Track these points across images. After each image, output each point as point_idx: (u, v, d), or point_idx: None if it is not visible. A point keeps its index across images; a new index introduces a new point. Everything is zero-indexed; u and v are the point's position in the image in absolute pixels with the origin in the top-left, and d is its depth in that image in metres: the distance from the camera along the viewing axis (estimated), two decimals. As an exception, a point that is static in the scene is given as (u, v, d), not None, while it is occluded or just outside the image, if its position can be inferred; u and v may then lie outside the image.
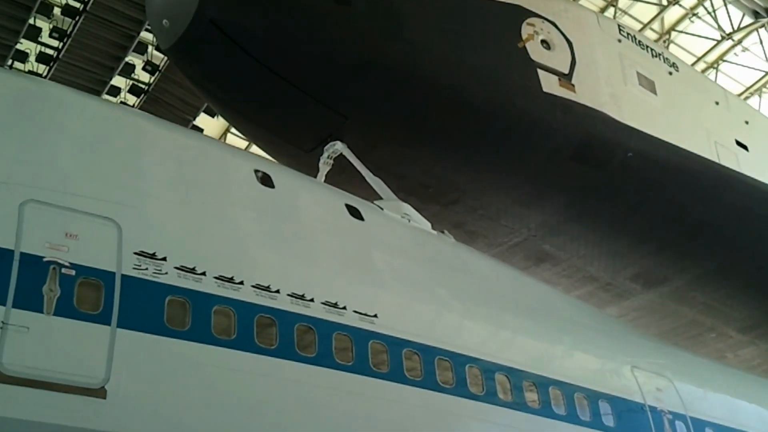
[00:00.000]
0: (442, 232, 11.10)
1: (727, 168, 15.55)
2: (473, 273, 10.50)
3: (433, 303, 9.11)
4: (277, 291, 7.37)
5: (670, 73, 16.51)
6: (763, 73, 31.65)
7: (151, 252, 6.63)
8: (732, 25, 29.29)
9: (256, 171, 8.59)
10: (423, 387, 7.96)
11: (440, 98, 12.33)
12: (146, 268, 6.56)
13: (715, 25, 28.80)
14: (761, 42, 30.27)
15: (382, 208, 10.30)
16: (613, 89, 14.59)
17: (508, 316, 9.91)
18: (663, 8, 28.00)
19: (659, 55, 16.64)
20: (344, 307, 7.80)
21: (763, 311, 17.79)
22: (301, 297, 7.54)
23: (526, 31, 13.46)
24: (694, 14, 28.66)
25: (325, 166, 11.87)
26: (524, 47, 13.27)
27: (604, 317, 12.39)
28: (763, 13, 24.81)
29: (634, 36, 16.25)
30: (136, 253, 6.54)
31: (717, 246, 15.90)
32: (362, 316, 7.91)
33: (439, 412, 8.01)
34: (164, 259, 6.70)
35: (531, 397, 8.94)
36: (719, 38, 29.48)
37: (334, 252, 8.60)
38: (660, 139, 14.45)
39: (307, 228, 8.58)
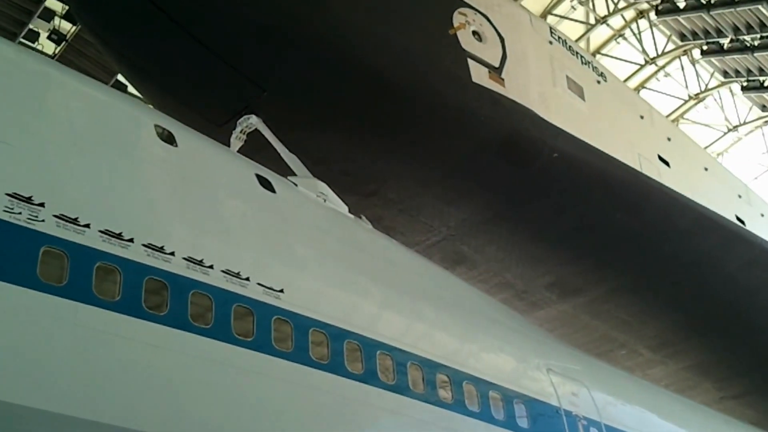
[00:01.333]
0: (360, 217, 10.42)
1: (651, 179, 15.32)
2: (390, 261, 9.86)
3: (346, 286, 8.41)
4: (172, 253, 6.57)
5: (599, 82, 16.26)
6: (682, 101, 32.09)
7: (26, 195, 5.77)
8: (656, 49, 29.62)
9: (158, 126, 7.76)
10: (329, 371, 7.24)
11: (363, 77, 11.68)
12: (19, 213, 5.70)
13: (640, 48, 29.04)
14: (683, 68, 30.71)
15: (296, 185, 9.58)
16: (542, 89, 14.21)
17: (425, 308, 9.27)
18: (590, 27, 28.04)
19: (588, 63, 16.39)
20: (247, 279, 7.04)
21: (676, 330, 17.64)
22: (199, 263, 6.76)
23: (457, 20, 12.95)
24: (620, 36, 28.83)
25: (237, 142, 11.09)
26: (455, 35, 12.74)
27: (521, 319, 11.88)
28: (689, 36, 24.90)
29: (565, 41, 15.95)
30: (9, 195, 5.68)
31: (635, 259, 15.62)
32: (267, 289, 7.16)
33: (344, 398, 7.30)
34: (42, 205, 5.85)
35: (444, 391, 8.32)
36: (643, 62, 29.75)
37: (239, 220, 7.84)
38: (586, 143, 14.11)
39: (210, 191, 7.77)
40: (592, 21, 28.19)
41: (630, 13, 29.52)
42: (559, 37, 15.69)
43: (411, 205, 13.54)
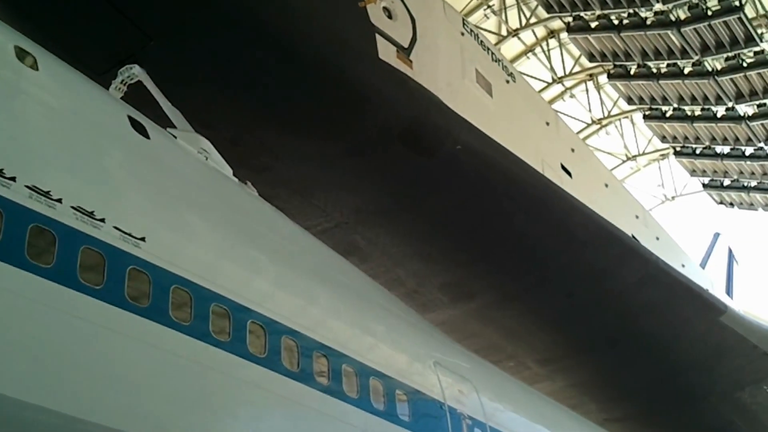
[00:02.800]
0: (245, 182, 9.57)
1: (555, 184, 14.91)
2: (275, 230, 9.02)
3: (220, 246, 7.53)
4: (12, 179, 5.61)
5: (508, 82, 15.85)
6: (585, 125, 32.30)
7: None
8: (564, 69, 29.74)
9: (19, 48, 6.77)
10: (190, 334, 6.35)
11: (260, 39, 10.83)
12: None
13: (548, 66, 29.08)
14: (587, 92, 30.93)
15: (175, 137, 8.67)
16: (450, 78, 13.63)
17: (307, 282, 8.46)
18: (501, 39, 27.90)
19: (499, 61, 15.96)
20: (102, 220, 6.10)
21: (564, 345, 17.26)
22: (45, 194, 5.80)
23: (368, -7, 12.25)
24: (531, 51, 28.80)
25: (116, 93, 10.04)
26: (365, 8, 12.02)
27: (411, 311, 11.16)
28: (597, 57, 24.94)
29: (477, 35, 15.47)
30: None
31: (531, 266, 15.15)
32: (125, 235, 6.23)
33: (205, 367, 6.42)
34: None
35: (320, 371, 7.52)
36: (551, 81, 29.80)
37: (102, 157, 6.88)
38: (492, 139, 13.57)
39: (69, 121, 6.81)
40: (504, 33, 28.06)
41: (541, 31, 29.61)
42: (471, 30, 15.20)
43: (304, 186, 12.72)
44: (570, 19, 24.66)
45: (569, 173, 16.78)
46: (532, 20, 28.48)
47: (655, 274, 16.35)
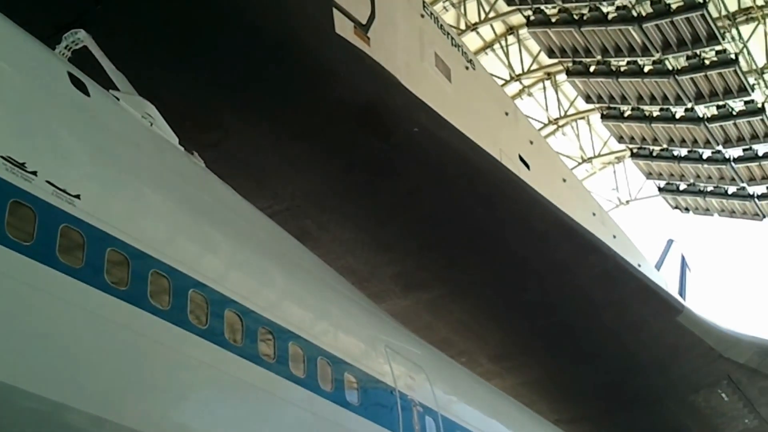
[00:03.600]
0: (191, 153, 9.23)
1: (513, 174, 14.76)
2: (221, 202, 8.68)
3: (163, 211, 7.21)
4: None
5: (467, 68, 15.67)
6: (542, 125, 32.34)
7: None
8: (523, 67, 29.76)
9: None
10: (124, 299, 6.01)
11: (211, 6, 10.50)
12: None
13: (506, 62, 29.04)
14: (545, 90, 30.99)
15: (118, 99, 8.31)
16: (408, 59, 13.41)
17: (253, 256, 8.16)
18: (460, 33, 27.80)
19: (459, 46, 15.77)
20: (34, 173, 5.75)
21: (518, 341, 17.16)
22: (-28, 142, 5.46)
23: (327, -34, 11.96)
24: (490, 47, 28.74)
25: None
26: (322, -20, 11.76)
27: (362, 295, 10.89)
28: (557, 53, 24.92)
29: (437, 18, 15.28)
30: None
31: (485, 258, 14.98)
32: (58, 191, 5.88)
33: (139, 335, 6.08)
34: None
35: (265, 348, 7.21)
36: (508, 78, 29.77)
37: (37, 110, 6.51)
38: (450, 124, 13.37)
39: (5, 74, 6.44)
40: (462, 27, 27.95)
41: (500, 26, 29.59)
42: (431, 13, 15.00)
43: (255, 165, 12.39)
44: (530, 12, 24.60)
45: (527, 165, 16.66)
46: (492, 14, 28.44)
47: (612, 271, 16.30)
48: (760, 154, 28.24)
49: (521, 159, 16.59)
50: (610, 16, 23.06)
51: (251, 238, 8.54)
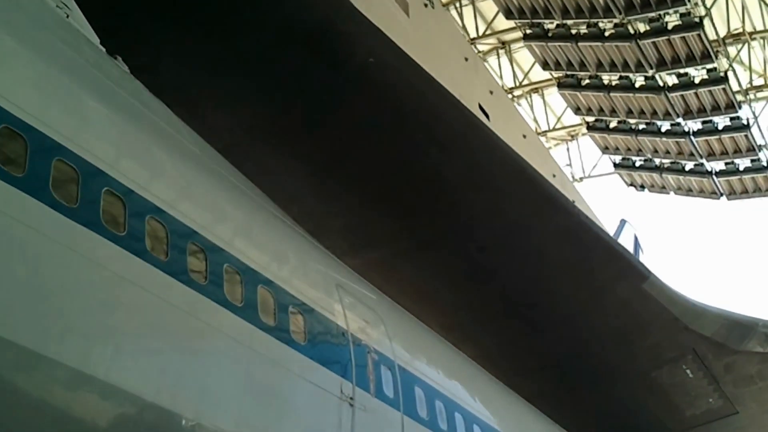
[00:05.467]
0: (115, 57, 8.03)
1: (476, 117, 13.74)
2: (150, 110, 7.47)
3: (81, 108, 6.02)
4: None
5: (426, 6, 14.62)
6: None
7: None
8: (477, 31, 28.85)
9: None
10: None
11: None
12: None
13: (460, 24, 28.12)
14: (498, 58, 30.17)
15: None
16: (360, -16, 12.31)
17: (181, 166, 7.01)
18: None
19: (417, -18, 14.71)
20: None
21: (473, 308, 16.16)
22: None
23: None
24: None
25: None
26: None
27: (310, 237, 9.75)
28: (515, 14, 24.02)
29: (392, -52, 14.17)
30: None
31: (442, 209, 13.97)
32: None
33: (45, 237, 4.95)
34: None
35: (194, 265, 6.08)
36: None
37: None
38: (409, 56, 12.30)
39: None
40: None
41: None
42: (386, -59, 13.88)
43: (189, 96, 11.16)
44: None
45: (487, 115, 15.67)
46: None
47: (575, 229, 15.41)
48: (720, 127, 27.65)
49: (481, 108, 15.59)
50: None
51: (179, 149, 7.37)
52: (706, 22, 23.83)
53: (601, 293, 16.44)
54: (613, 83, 26.92)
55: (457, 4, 28.46)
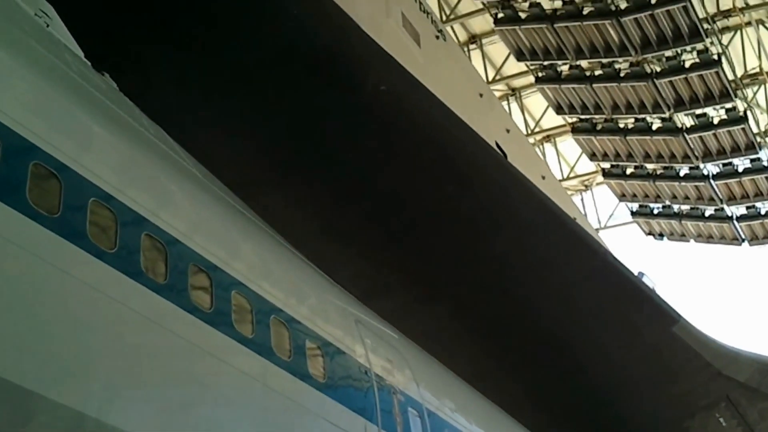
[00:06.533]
0: (102, 74, 7.44)
1: (495, 150, 13.14)
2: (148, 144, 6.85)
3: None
4: None
5: (438, 38, 14.16)
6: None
7: None
8: (487, 75, 28.42)
9: None
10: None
11: None
12: None
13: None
14: (509, 104, 29.69)
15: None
16: (372, 12, 11.86)
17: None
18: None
19: (428, 13, 14.29)
20: None
21: (495, 354, 15.29)
22: None
23: None
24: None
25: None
26: None
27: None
28: (527, 55, 23.60)
29: (402, -23, 13.77)
30: None
31: (461, 250, 13.25)
32: None
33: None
34: None
35: (198, 289, 5.42)
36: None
37: None
38: (423, 85, 11.75)
39: None
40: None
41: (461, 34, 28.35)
42: (396, -29, 13.48)
43: (188, 126, 10.47)
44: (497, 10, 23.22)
45: (504, 154, 15.08)
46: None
47: (602, 270, 14.70)
48: (740, 169, 27.07)
49: (498, 147, 15.01)
50: (586, 11, 21.76)
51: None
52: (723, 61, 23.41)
53: (630, 337, 15.69)
54: (629, 126, 26.42)
55: (465, 48, 28.08)
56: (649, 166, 28.06)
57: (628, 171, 28.84)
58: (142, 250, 5.11)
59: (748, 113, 25.36)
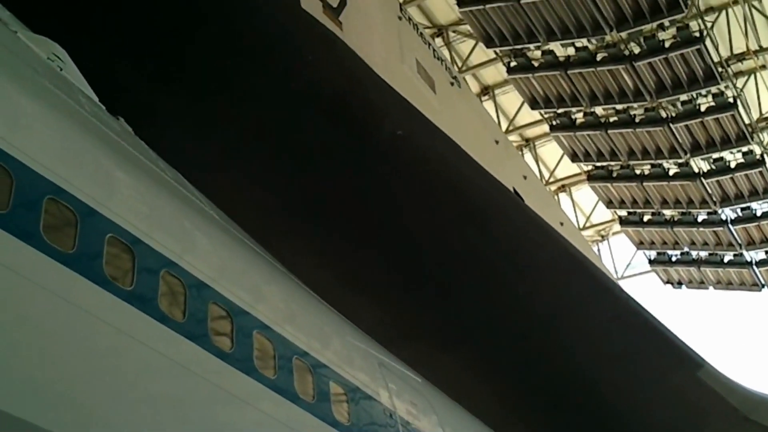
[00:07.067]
0: (117, 118, 7.39)
1: (514, 194, 13.03)
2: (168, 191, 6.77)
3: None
4: None
5: (452, 84, 14.15)
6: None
7: None
8: (500, 126, 28.41)
9: None
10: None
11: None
12: None
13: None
14: (522, 154, 29.57)
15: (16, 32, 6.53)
16: (388, 57, 11.85)
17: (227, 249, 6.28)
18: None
19: (442, 60, 14.31)
20: None
21: (515, 401, 14.92)
22: None
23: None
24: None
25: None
26: (282, -47, 10.19)
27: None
28: (541, 103, 23.58)
29: (417, 25, 13.82)
30: None
31: (480, 294, 13.02)
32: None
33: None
34: None
35: (223, 339, 5.29)
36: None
37: None
38: (440, 130, 11.70)
39: None
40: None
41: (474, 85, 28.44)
42: (410, 19, 13.55)
43: (195, 166, 10.38)
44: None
45: (522, 200, 14.96)
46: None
47: (626, 315, 14.48)
48: (759, 213, 26.86)
49: (516, 193, 14.90)
50: (599, 57, 21.79)
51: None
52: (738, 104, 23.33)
53: (655, 382, 15.39)
54: (646, 172, 26.31)
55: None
56: (667, 213, 27.90)
57: (646, 218, 28.68)
58: (161, 289, 5.02)
59: (765, 156, 25.22)
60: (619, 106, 23.43)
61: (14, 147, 4.49)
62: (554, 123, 25.25)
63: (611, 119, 24.34)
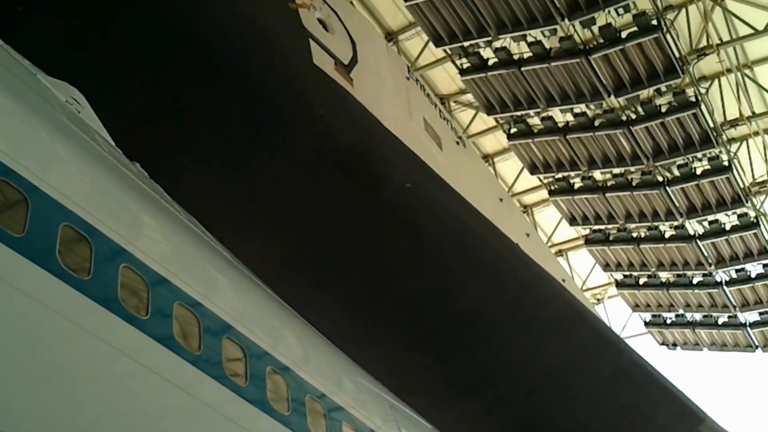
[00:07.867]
0: (133, 162, 7.20)
1: (521, 249, 12.80)
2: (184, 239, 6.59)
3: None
4: None
5: (458, 143, 14.05)
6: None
7: None
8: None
9: None
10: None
11: (159, 20, 8.79)
12: None
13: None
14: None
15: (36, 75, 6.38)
16: (397, 114, 11.74)
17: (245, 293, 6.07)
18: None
19: (447, 120, 14.22)
20: None
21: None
22: None
23: (301, -1, 10.38)
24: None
25: None
26: (296, 10, 10.14)
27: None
28: (540, 168, 23.47)
29: (424, 87, 13.77)
30: None
31: (487, 350, 12.81)
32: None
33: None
34: None
35: (234, 365, 5.03)
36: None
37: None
38: (447, 184, 11.53)
39: None
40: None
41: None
42: (417, 80, 13.50)
43: (213, 223, 10.25)
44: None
45: (527, 256, 14.74)
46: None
47: (629, 369, 14.18)
48: (753, 275, 26.57)
49: (521, 250, 14.68)
50: (597, 122, 21.76)
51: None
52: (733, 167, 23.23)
53: (658, 436, 15.03)
54: (642, 235, 26.11)
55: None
56: (663, 275, 27.65)
57: (642, 281, 28.40)
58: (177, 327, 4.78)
59: (759, 219, 25.03)
60: (615, 170, 23.33)
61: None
62: (553, 187, 25.11)
63: (609, 183, 24.22)
